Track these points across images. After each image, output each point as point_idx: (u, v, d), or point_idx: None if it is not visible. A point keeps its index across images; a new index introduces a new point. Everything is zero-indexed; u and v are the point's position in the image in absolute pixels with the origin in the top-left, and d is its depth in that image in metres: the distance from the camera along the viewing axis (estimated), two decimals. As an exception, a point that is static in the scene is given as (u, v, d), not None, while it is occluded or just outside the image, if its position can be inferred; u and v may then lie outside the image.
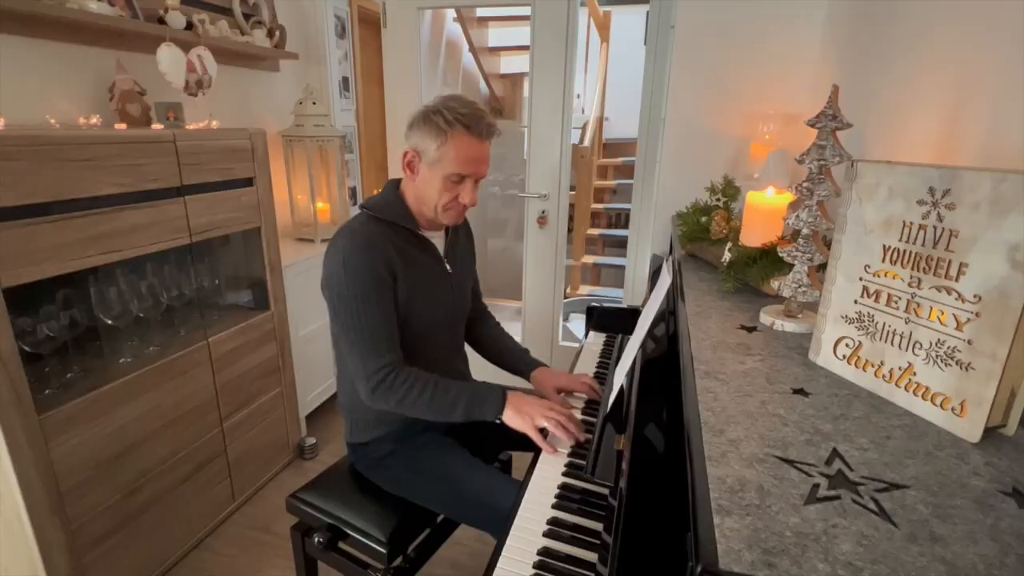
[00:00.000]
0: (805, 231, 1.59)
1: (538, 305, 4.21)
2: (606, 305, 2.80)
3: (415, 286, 1.86)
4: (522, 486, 1.67)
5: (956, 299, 1.10)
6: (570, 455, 1.77)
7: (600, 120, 6.90)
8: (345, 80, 4.13)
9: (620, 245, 6.48)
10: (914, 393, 1.18)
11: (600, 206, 6.76)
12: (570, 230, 6.10)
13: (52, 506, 2.09)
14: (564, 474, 1.71)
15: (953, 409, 1.11)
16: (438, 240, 2.00)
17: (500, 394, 1.83)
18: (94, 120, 2.37)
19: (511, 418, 1.80)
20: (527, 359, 2.26)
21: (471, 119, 1.77)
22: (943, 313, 1.12)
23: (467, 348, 2.24)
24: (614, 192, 6.96)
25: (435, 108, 1.79)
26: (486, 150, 1.83)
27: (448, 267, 2.00)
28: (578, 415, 2.00)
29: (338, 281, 1.76)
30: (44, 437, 2.04)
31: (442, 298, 1.98)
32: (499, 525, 1.62)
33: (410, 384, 1.79)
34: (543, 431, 1.80)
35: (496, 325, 2.36)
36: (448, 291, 2.00)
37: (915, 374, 1.17)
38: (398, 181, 1.95)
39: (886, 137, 1.88)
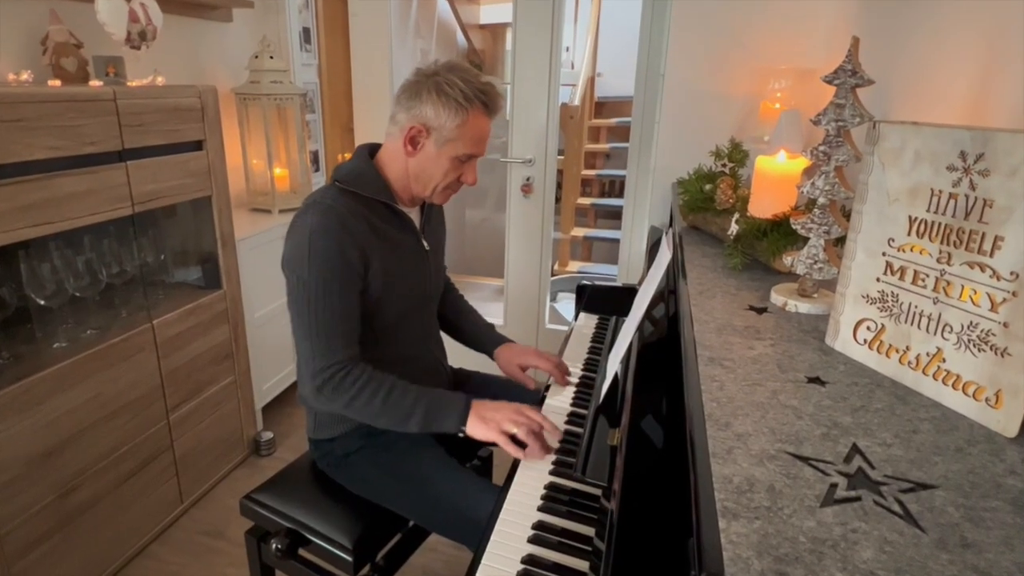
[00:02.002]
0: (821, 200, 1.59)
1: (522, 283, 4.21)
2: (598, 283, 2.80)
3: (392, 269, 1.85)
4: (504, 486, 1.67)
5: (990, 276, 1.09)
6: (558, 452, 1.77)
7: (591, 76, 6.88)
8: (306, 31, 4.09)
9: (614, 216, 6.50)
10: (943, 382, 1.17)
11: (592, 172, 6.77)
12: (558, 199, 6.10)
13: (-24, 509, 2.07)
14: (551, 473, 1.70)
15: (987, 400, 1.10)
16: (414, 215, 2.00)
17: (463, 404, 1.81)
18: (24, 76, 2.35)
19: (475, 428, 1.78)
20: (491, 335, 2.28)
21: (489, 96, 1.79)
22: (976, 292, 1.11)
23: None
24: (607, 157, 6.97)
25: (447, 79, 1.77)
26: (491, 127, 1.85)
27: (426, 245, 2.00)
28: (567, 407, 2.00)
29: (300, 262, 1.73)
30: (-34, 432, 2.03)
31: (420, 280, 1.98)
32: (474, 537, 1.61)
33: (362, 385, 1.76)
34: (514, 436, 1.79)
35: (459, 297, 2.38)
36: (426, 271, 2.01)
37: (944, 360, 1.17)
38: (371, 148, 1.94)
39: (912, 95, 1.88)
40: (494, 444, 1.78)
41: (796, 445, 1.04)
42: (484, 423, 1.77)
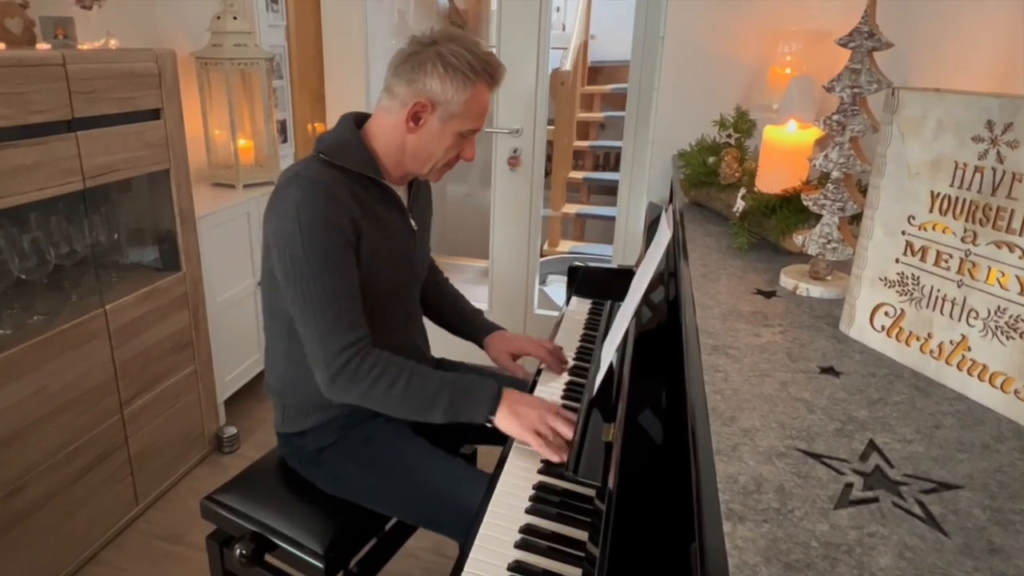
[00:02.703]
0: (835, 174, 1.60)
1: (509, 265, 4.22)
2: (592, 265, 2.82)
3: (379, 250, 1.85)
4: (490, 486, 1.67)
5: (1020, 257, 1.09)
6: (543, 461, 1.77)
7: (585, 39, 6.87)
8: (273, -12, 4.07)
9: (609, 192, 6.52)
10: (968, 372, 1.17)
11: (585, 143, 6.78)
12: (548, 173, 6.07)
13: (-89, 512, 2.07)
14: (541, 471, 1.71)
15: (1016, 392, 1.11)
16: (402, 192, 1.99)
17: (494, 391, 1.81)
18: (-37, 39, 2.33)
19: (505, 421, 1.78)
20: (481, 322, 2.29)
21: (494, 67, 1.80)
22: (1004, 274, 1.12)
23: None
24: (602, 127, 6.99)
25: (451, 50, 1.77)
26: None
27: (413, 224, 2.00)
28: (557, 400, 2.01)
29: (291, 240, 1.71)
30: (-101, 428, 2.02)
31: (406, 262, 1.98)
32: (463, 527, 1.61)
33: (380, 371, 1.75)
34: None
35: (444, 281, 2.39)
36: (413, 253, 2.01)
37: (970, 349, 1.17)
38: (357, 117, 1.93)
39: (934, 60, 1.88)
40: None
41: (808, 441, 1.04)
42: (516, 418, 1.77)
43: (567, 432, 1.74)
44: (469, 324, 2.30)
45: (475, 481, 1.78)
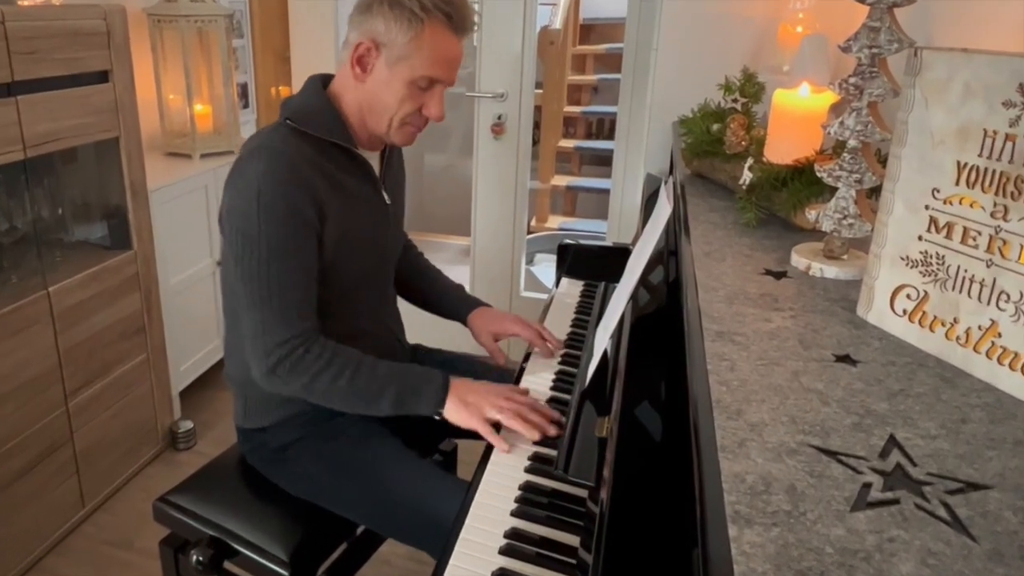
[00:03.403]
0: (852, 143, 1.60)
1: (492, 243, 4.23)
2: (584, 243, 2.83)
3: (349, 227, 1.86)
4: (471, 487, 1.67)
5: (1056, 234, 1.09)
6: (536, 444, 1.78)
7: (577, -5, 6.86)
8: (231, -64, 4.05)
9: (603, 162, 6.50)
10: (998, 361, 1.17)
11: (576, 109, 6.77)
12: (535, 142, 6.07)
13: None
14: (528, 470, 1.71)
15: (1050, 383, 1.12)
16: (374, 161, 1.99)
17: (439, 383, 1.83)
18: None
19: (454, 412, 1.81)
20: (463, 298, 2.31)
21: (452, 6, 1.77)
22: (1038, 254, 1.12)
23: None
24: (595, 91, 6.98)
25: None
26: (461, 50, 1.84)
27: (386, 197, 2.00)
28: (546, 391, 2.01)
29: (247, 217, 1.72)
30: None
31: (379, 239, 1.99)
32: (438, 541, 1.61)
33: (325, 363, 1.76)
34: (497, 424, 1.81)
35: (419, 255, 2.40)
36: (387, 229, 2.01)
37: (1000, 335, 1.17)
38: (324, 79, 1.92)
39: (961, 17, 1.88)
40: (471, 435, 1.79)
41: (822, 437, 1.04)
42: (464, 408, 1.80)
43: (524, 397, 1.82)
44: (450, 300, 2.31)
45: (449, 491, 1.78)
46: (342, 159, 1.86)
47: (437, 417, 1.82)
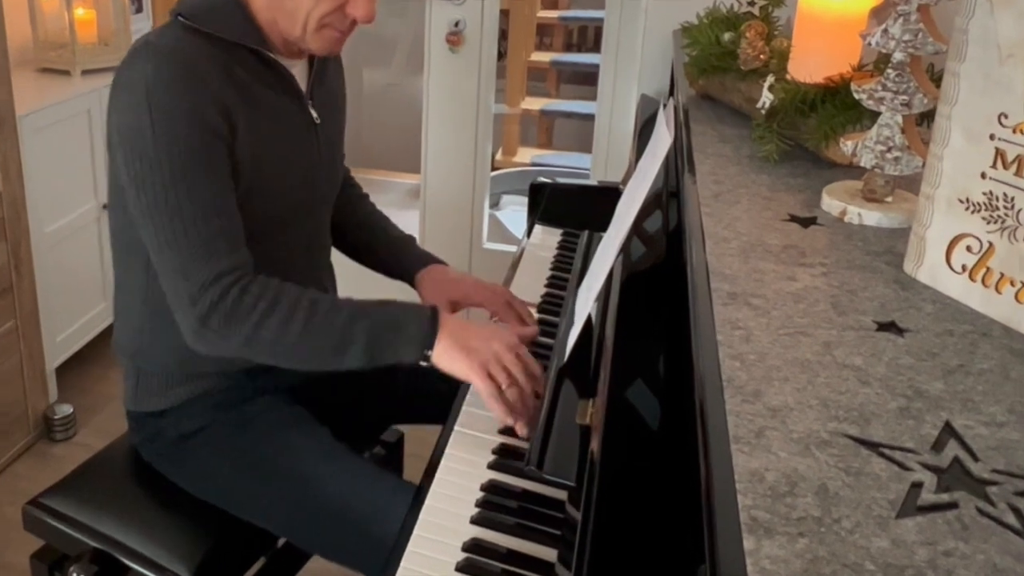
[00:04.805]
0: (898, 56, 1.60)
1: (448, 182, 4.26)
2: (563, 181, 2.85)
3: (265, 147, 1.84)
4: (421, 488, 1.67)
5: None
6: (501, 432, 1.78)
7: None
8: None
9: (586, 81, 6.58)
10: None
11: (553, 14, 6.86)
12: (502, 55, 6.07)
13: None
14: (493, 467, 1.70)
15: None
16: (298, 72, 1.97)
17: (427, 318, 1.78)
18: None
19: (448, 358, 1.75)
20: (411, 251, 2.30)
21: None
22: None
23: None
24: (575, -9, 7.00)
25: None
26: None
27: (314, 115, 1.98)
28: None
29: (140, 134, 1.68)
30: None
31: (305, 165, 1.98)
32: (378, 559, 1.63)
33: (269, 303, 1.72)
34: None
35: (363, 197, 2.40)
36: (315, 154, 2.00)
37: (1084, 298, 1.19)
38: None
39: None
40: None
41: (860, 425, 1.04)
42: (464, 352, 1.74)
43: (525, 386, 1.75)
44: (396, 255, 2.28)
45: (395, 493, 1.77)
46: (254, 65, 1.84)
47: (424, 363, 1.77)
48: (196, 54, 1.73)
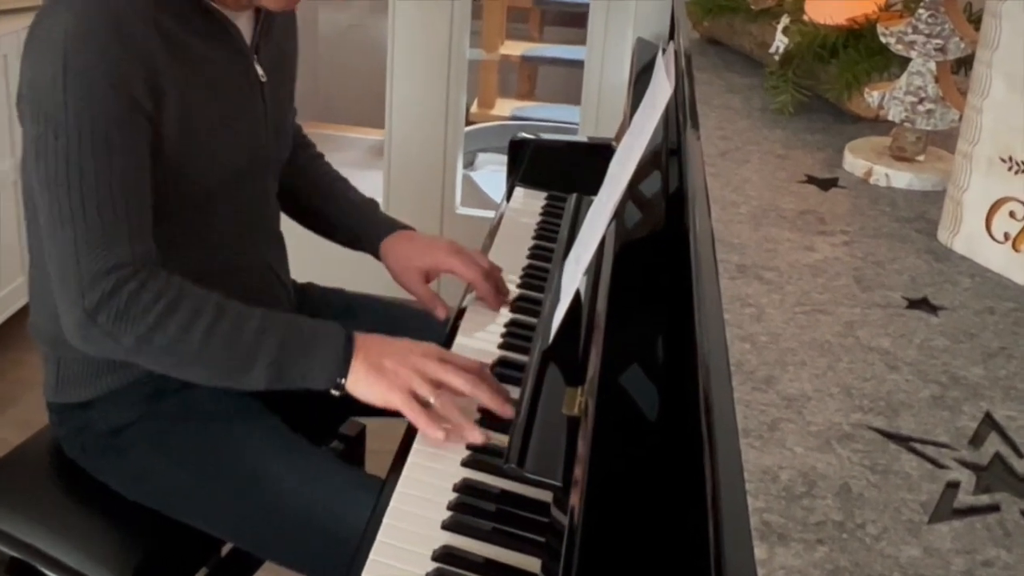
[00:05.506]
0: None
1: (416, 138, 4.30)
2: (547, 137, 2.87)
3: (199, 109, 1.83)
4: (384, 487, 1.66)
5: None
6: (479, 423, 1.76)
7: None
8: None
9: (574, 22, 6.62)
10: None
11: (535, -54, 6.82)
12: (477, -7, 6.11)
13: None
14: (467, 464, 1.69)
15: None
16: (243, 23, 1.95)
17: (340, 340, 1.77)
18: None
19: (363, 384, 1.75)
20: (375, 218, 2.32)
21: None
22: None
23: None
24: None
25: None
26: None
27: (260, 72, 1.98)
28: (492, 350, 2.02)
29: (50, 97, 1.67)
30: None
31: (247, 128, 1.98)
32: (337, 566, 1.61)
33: (167, 306, 1.69)
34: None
35: (318, 157, 2.42)
36: (259, 115, 2.00)
37: None
38: None
39: None
40: (390, 413, 1.77)
41: (888, 416, 1.03)
42: (379, 375, 1.73)
43: (462, 386, 1.73)
44: (356, 222, 2.29)
45: (356, 492, 1.76)
46: (191, 15, 1.82)
47: (336, 392, 1.77)
48: (124, 5, 1.71)
